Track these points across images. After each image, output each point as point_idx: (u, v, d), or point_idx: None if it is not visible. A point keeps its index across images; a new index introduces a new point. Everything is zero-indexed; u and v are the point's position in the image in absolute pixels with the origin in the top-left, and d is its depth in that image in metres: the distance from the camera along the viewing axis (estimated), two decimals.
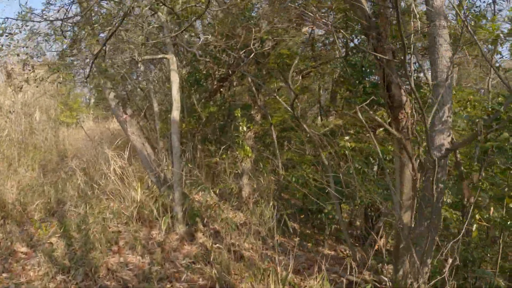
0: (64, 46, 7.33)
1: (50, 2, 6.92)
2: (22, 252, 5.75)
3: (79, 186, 7.64)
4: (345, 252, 7.18)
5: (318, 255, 6.74)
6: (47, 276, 5.01)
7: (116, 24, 5.74)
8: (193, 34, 9.29)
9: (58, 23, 6.65)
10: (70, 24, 7.02)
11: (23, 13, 6.45)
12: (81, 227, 6.25)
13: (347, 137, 6.81)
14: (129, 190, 6.78)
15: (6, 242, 5.98)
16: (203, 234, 6.52)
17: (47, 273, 5.08)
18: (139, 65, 8.95)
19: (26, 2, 6.81)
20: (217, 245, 6.03)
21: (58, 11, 7.02)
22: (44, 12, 6.72)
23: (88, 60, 7.55)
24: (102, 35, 7.28)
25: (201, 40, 7.51)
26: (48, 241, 6.04)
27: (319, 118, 10.52)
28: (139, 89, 10.77)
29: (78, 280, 4.97)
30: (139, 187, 6.54)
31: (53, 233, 6.27)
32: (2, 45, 6.75)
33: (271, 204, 6.88)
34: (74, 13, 7.12)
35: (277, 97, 6.47)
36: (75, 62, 7.89)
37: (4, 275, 5.10)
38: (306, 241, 7.35)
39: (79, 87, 21.39)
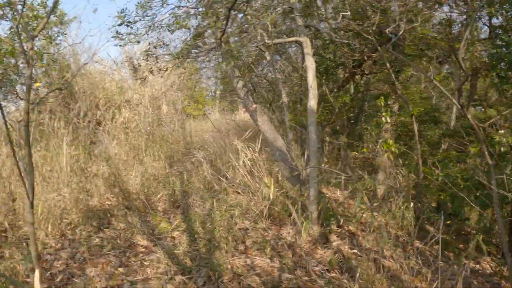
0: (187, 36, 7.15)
1: None
2: (142, 246, 5.44)
3: (205, 178, 7.32)
4: (494, 268, 6.15)
5: (465, 269, 5.83)
6: (166, 276, 4.58)
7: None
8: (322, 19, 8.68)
9: (180, 12, 6.48)
10: (192, 14, 6.80)
11: (142, 2, 6.32)
12: (206, 223, 5.84)
13: (501, 131, 5.86)
14: (260, 185, 6.26)
15: (127, 233, 5.75)
16: (337, 237, 5.84)
17: (166, 272, 4.66)
18: (265, 54, 8.53)
19: None
20: (354, 250, 5.35)
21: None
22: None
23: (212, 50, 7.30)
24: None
25: (339, 18, 6.78)
26: (170, 236, 5.72)
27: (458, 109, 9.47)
28: (265, 81, 10.48)
29: (199, 284, 4.45)
30: (272, 182, 5.97)
31: (176, 227, 5.94)
32: (123, 34, 6.63)
33: (411, 205, 6.11)
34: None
35: (434, 81, 5.63)
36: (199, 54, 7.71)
37: (121, 269, 4.77)
38: (448, 250, 6.42)
39: (204, 81, 21.85)
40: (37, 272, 2.49)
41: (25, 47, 2.49)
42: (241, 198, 6.42)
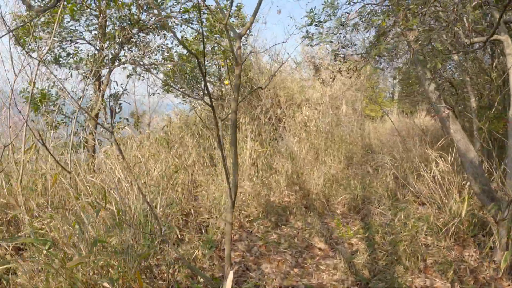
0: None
1: None
2: (319, 248, 5.31)
3: (387, 185, 7.01)
4: None
5: None
6: (342, 285, 4.37)
7: None
8: None
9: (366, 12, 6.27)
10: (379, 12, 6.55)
11: (330, 0, 6.23)
12: (387, 234, 5.51)
13: None
14: (448, 199, 5.77)
15: (305, 233, 5.70)
16: None
17: (342, 280, 4.45)
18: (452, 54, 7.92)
19: None
20: None
21: None
22: None
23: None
24: None
25: None
26: (348, 242, 5.55)
27: None
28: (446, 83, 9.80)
29: None
30: (467, 199, 5.44)
31: (354, 233, 5.76)
32: (313, 34, 6.60)
33: None
34: None
35: None
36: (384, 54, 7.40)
37: (296, 270, 4.70)
38: None
39: (381, 82, 21.37)
40: (230, 274, 2.49)
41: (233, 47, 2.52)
42: (425, 211, 5.99)
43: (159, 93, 9.50)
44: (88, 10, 7.46)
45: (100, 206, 3.62)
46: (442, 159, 6.07)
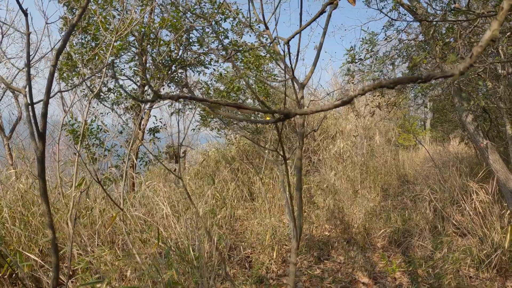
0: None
1: (392, 23, 6.67)
2: (362, 283, 5.34)
3: (426, 217, 6.99)
4: None
5: None
6: None
7: None
8: None
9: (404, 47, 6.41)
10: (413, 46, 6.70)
11: (367, 37, 6.37)
12: (430, 267, 5.51)
13: None
14: (489, 231, 5.75)
15: (347, 268, 5.73)
16: None
17: None
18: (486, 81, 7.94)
19: (368, 27, 6.60)
20: None
21: (399, 33, 6.73)
22: (386, 33, 6.60)
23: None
24: None
25: None
26: (392, 276, 5.55)
27: None
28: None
29: None
30: (509, 230, 5.42)
31: (397, 267, 5.77)
32: (353, 72, 6.73)
33: None
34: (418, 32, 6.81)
35: None
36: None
37: None
38: None
39: (412, 110, 21.30)
40: None
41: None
42: (466, 242, 5.96)
43: (199, 129, 9.72)
44: (130, 46, 7.75)
45: (168, 248, 3.74)
46: (483, 190, 6.06)
